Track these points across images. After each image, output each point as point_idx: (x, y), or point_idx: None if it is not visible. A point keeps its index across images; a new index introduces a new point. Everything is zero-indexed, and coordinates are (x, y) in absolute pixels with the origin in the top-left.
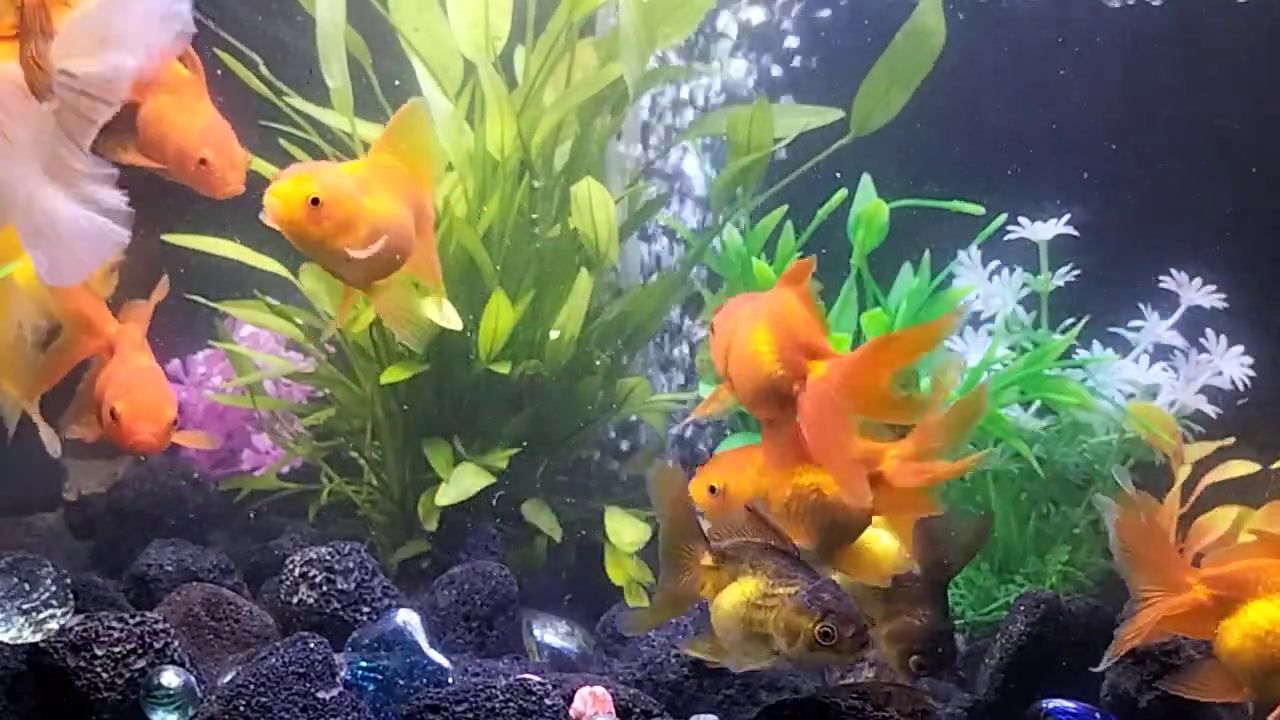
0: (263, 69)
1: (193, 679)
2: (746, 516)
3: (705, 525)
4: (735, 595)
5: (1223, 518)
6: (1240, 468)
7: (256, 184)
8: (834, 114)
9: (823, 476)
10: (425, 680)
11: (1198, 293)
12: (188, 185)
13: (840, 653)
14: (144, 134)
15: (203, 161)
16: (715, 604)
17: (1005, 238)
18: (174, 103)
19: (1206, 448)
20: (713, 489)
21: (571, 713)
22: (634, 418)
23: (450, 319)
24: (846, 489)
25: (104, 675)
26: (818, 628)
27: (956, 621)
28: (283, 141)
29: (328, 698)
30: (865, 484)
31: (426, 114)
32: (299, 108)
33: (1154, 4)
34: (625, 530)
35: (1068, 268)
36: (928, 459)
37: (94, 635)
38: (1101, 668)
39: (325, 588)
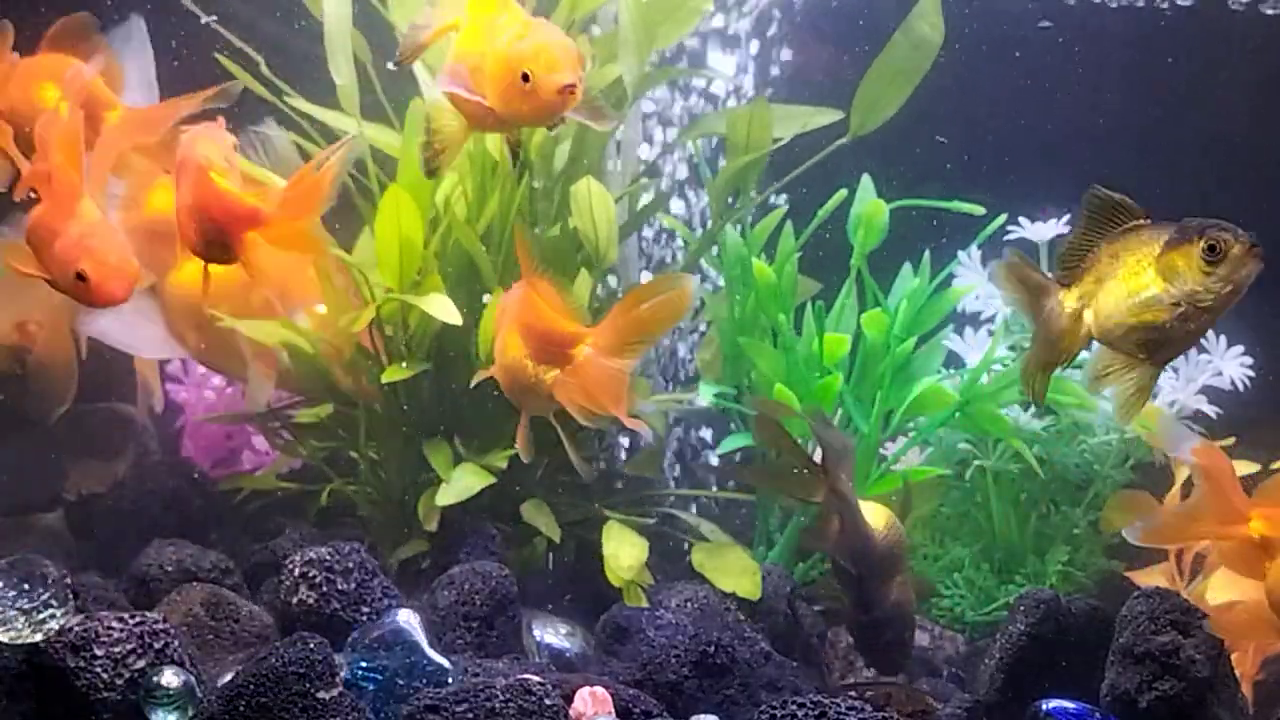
0: (263, 68)
1: (193, 679)
2: None
3: None
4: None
5: None
6: (1240, 468)
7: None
8: (833, 114)
9: None
10: (425, 680)
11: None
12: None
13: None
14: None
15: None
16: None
17: (1005, 238)
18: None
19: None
20: None
21: (571, 713)
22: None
23: (450, 314)
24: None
25: (104, 675)
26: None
27: (941, 619)
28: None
29: (328, 698)
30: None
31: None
32: (299, 108)
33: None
34: (623, 551)
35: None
36: (625, 354)
37: (94, 635)
38: (1136, 541)
39: (325, 588)
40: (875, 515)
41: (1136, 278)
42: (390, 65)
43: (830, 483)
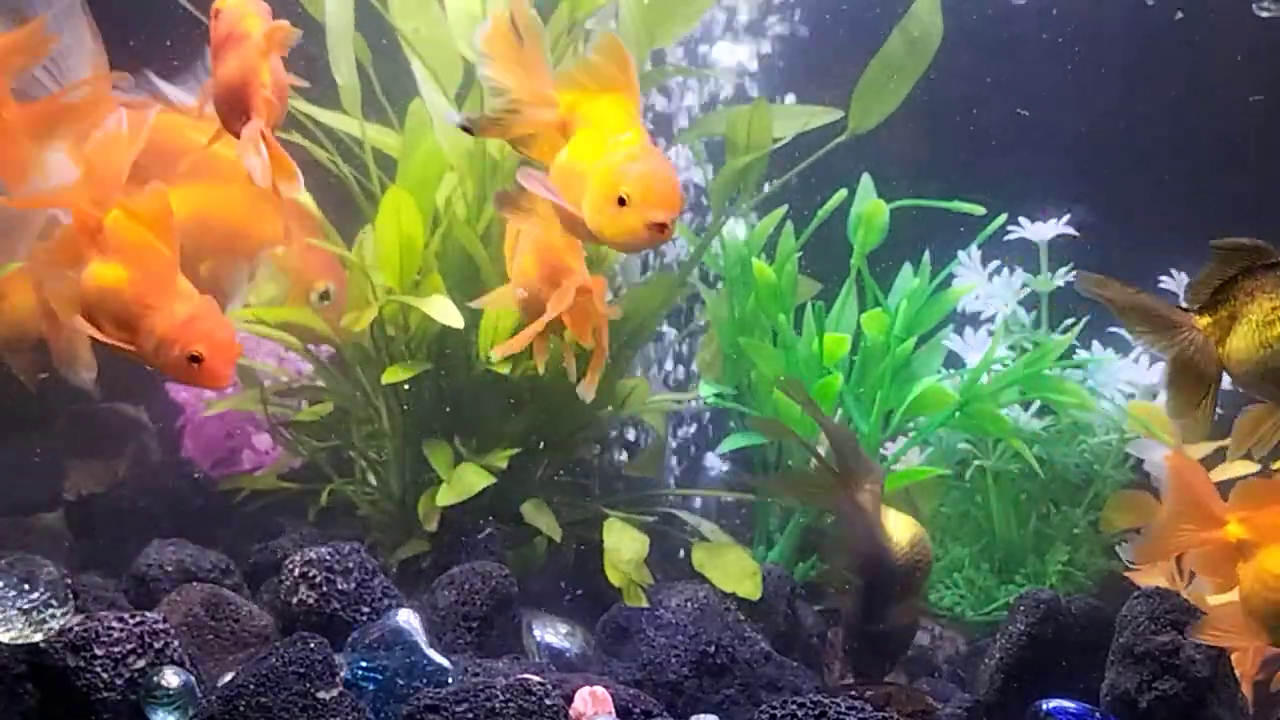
0: None
1: (193, 679)
2: None
3: None
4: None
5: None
6: (1240, 468)
7: None
8: (833, 114)
9: None
10: (425, 680)
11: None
12: None
13: None
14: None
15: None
16: None
17: (1005, 237)
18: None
19: (1206, 448)
20: None
21: (571, 713)
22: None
23: (451, 317)
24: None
25: (104, 675)
26: None
27: (941, 621)
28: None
29: (328, 698)
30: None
31: None
32: (300, 109)
33: (1149, 3)
34: (624, 545)
35: (1068, 268)
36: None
37: (94, 635)
38: (1128, 569)
39: (325, 588)
40: (900, 529)
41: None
42: (455, 121)
43: (850, 492)
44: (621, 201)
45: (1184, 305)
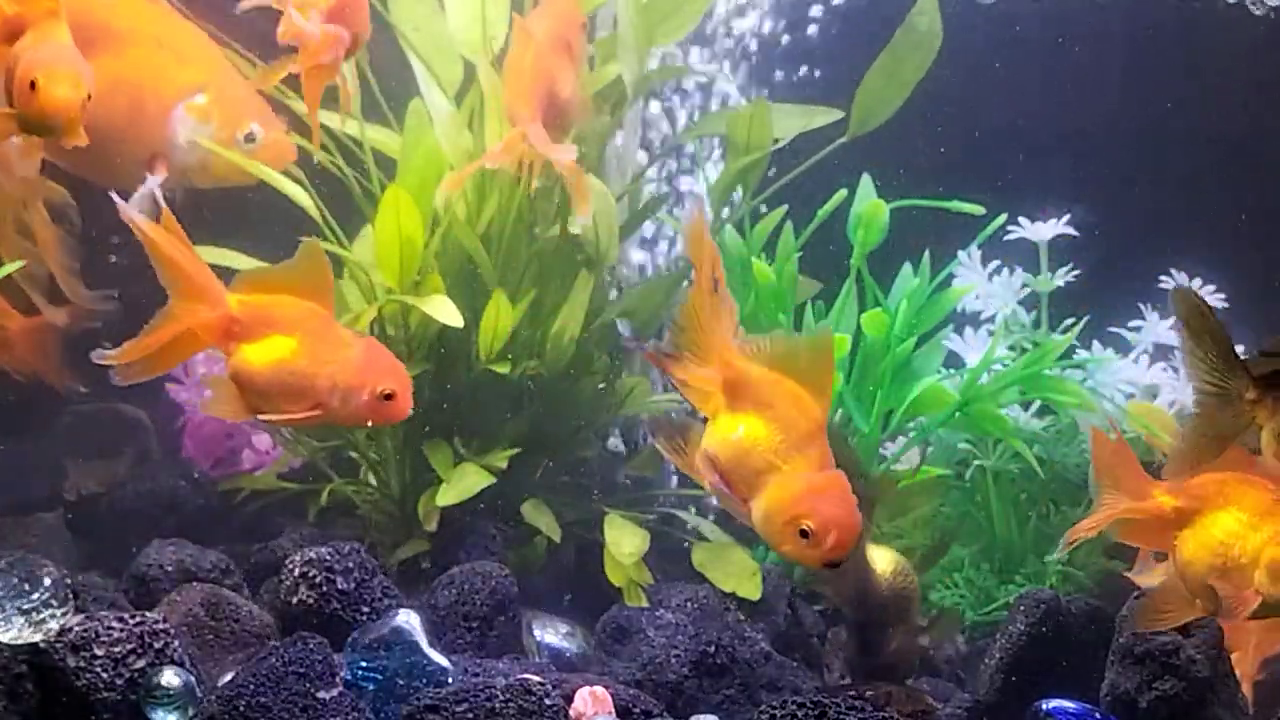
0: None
1: (193, 679)
2: None
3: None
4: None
5: None
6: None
7: (252, 192)
8: (833, 114)
9: None
10: (425, 680)
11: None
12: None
13: None
14: None
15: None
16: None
17: (1005, 237)
18: None
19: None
20: None
21: (571, 713)
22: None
23: (451, 316)
24: None
25: (104, 675)
26: None
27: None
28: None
29: (328, 698)
30: None
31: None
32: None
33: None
34: (624, 539)
35: (1068, 268)
36: None
37: (94, 635)
38: (1054, 557)
39: (325, 588)
40: (881, 560)
41: None
42: (631, 346)
43: None
44: (805, 533)
45: (1245, 359)
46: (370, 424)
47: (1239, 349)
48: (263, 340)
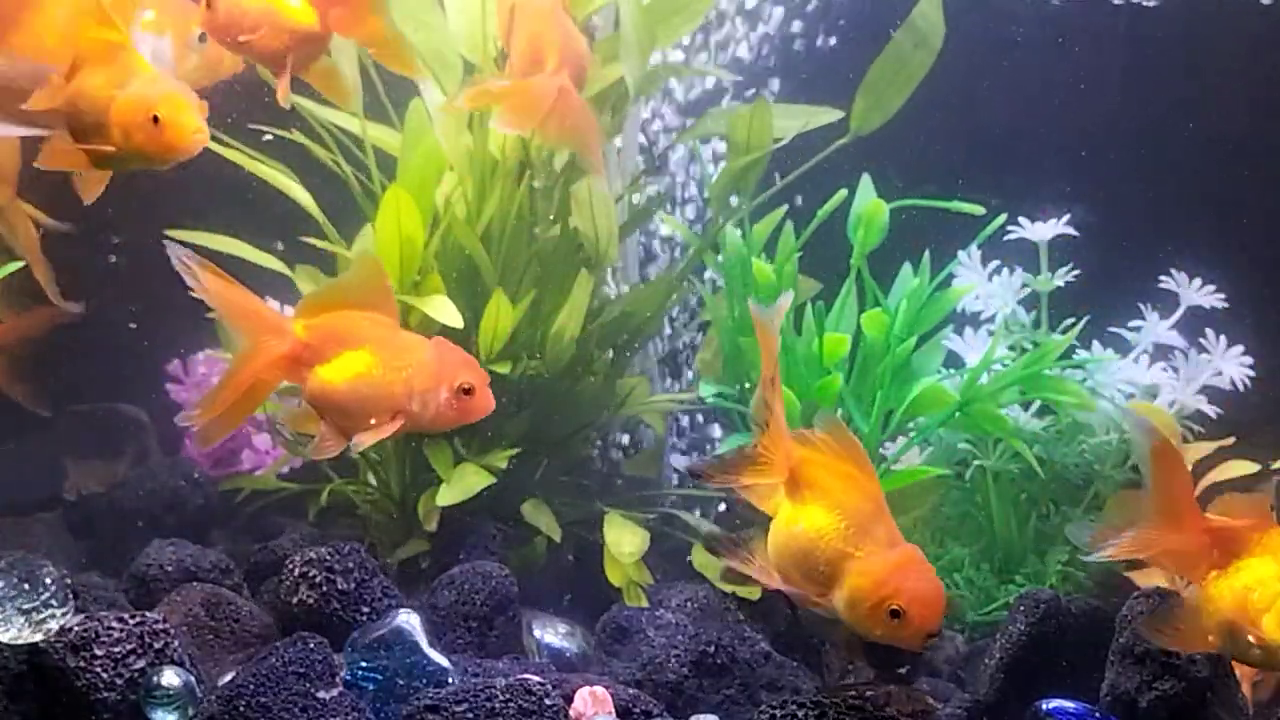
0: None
1: (193, 679)
2: None
3: None
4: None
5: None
6: (1240, 468)
7: (251, 179)
8: (834, 114)
9: None
10: (425, 680)
11: (1198, 293)
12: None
13: None
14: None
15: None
16: None
17: (1005, 237)
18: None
19: (1206, 448)
20: None
21: (571, 713)
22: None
23: (451, 316)
24: None
25: (104, 675)
26: None
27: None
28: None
29: (328, 698)
30: None
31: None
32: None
33: (1149, 4)
34: (624, 539)
35: (1068, 268)
36: None
37: (94, 635)
38: (1089, 558)
39: (325, 588)
40: None
41: None
42: (682, 464)
43: None
44: (894, 614)
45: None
46: (457, 424)
47: (1239, 349)
48: (335, 359)
